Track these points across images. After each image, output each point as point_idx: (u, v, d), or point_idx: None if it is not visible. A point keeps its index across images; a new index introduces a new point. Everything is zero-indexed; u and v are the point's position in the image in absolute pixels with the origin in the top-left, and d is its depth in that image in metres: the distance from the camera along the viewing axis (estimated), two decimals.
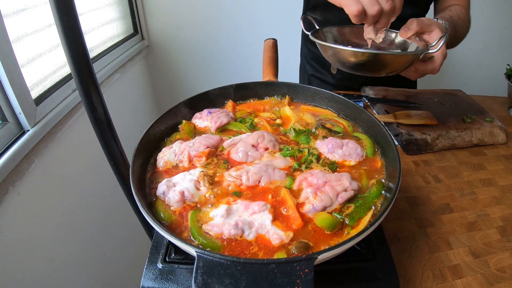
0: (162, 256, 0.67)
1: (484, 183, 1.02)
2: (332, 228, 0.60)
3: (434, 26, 0.94)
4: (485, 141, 1.17)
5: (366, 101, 1.34)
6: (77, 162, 1.63)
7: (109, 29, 2.13)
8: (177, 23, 2.52)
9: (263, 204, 0.62)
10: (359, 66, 0.92)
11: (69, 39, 0.64)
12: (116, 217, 1.89)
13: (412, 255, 0.79)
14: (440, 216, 0.90)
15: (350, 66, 0.93)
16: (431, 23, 0.94)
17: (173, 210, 0.64)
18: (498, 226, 0.88)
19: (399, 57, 0.91)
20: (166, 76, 2.77)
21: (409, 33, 0.94)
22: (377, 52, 0.87)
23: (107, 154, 0.78)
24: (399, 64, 0.91)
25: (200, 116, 0.90)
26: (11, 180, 1.21)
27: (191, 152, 0.75)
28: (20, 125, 1.30)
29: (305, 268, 0.45)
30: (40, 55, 1.46)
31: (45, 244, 1.38)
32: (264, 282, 0.44)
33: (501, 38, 2.45)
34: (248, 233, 0.58)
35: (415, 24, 0.93)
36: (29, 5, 1.38)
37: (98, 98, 0.71)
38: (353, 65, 0.92)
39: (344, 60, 0.92)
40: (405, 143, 1.11)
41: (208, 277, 0.45)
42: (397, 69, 0.93)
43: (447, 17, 1.10)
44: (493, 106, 1.42)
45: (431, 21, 0.95)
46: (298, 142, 0.83)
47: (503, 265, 0.77)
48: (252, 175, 0.69)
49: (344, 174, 0.69)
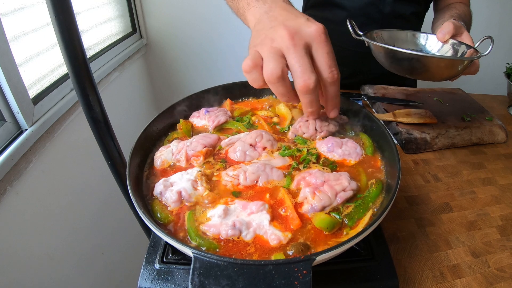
0: (160, 257, 0.66)
1: (484, 182, 1.02)
2: (331, 229, 0.59)
3: (463, 28, 0.96)
4: (485, 140, 1.16)
5: (365, 100, 1.34)
6: (75, 162, 1.63)
7: (107, 28, 2.12)
8: (176, 22, 2.51)
9: (261, 204, 0.62)
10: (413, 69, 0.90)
11: (65, 38, 0.64)
12: (114, 216, 1.89)
13: (412, 254, 0.78)
14: (440, 215, 0.89)
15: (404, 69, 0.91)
16: (460, 25, 0.96)
17: (170, 210, 0.63)
18: (498, 225, 0.87)
19: (457, 62, 0.89)
20: (164, 75, 2.76)
21: (446, 36, 0.94)
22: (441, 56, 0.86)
23: (105, 153, 0.78)
24: (456, 67, 0.89)
25: (198, 115, 0.89)
26: (9, 180, 1.20)
27: (189, 151, 0.74)
28: (18, 125, 1.29)
29: (303, 270, 0.45)
30: (37, 54, 1.45)
31: (43, 244, 1.37)
32: (261, 284, 0.44)
33: (501, 37, 2.45)
34: (245, 233, 0.58)
35: (451, 27, 0.93)
36: (26, 4, 1.37)
37: (95, 98, 0.71)
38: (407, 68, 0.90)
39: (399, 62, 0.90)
40: (404, 142, 1.10)
41: (205, 278, 0.44)
42: (452, 74, 0.92)
43: (457, 16, 1.10)
44: (493, 105, 1.42)
45: (459, 24, 0.97)
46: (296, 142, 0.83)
47: (503, 265, 0.77)
48: (250, 174, 0.68)
49: (343, 174, 0.68)
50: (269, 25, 0.64)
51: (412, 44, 1.07)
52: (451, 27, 0.94)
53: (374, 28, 1.07)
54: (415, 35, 1.08)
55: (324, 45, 0.62)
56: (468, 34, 0.95)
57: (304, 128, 0.82)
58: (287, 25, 0.61)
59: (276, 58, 0.59)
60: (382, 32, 1.06)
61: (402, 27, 1.11)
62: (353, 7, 1.30)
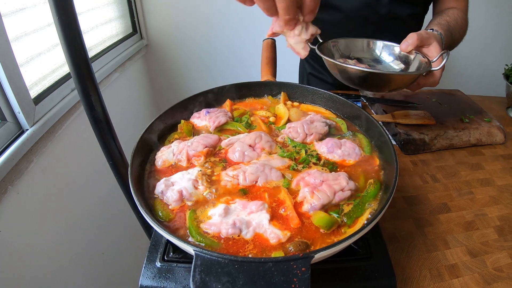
0: (161, 255, 0.67)
1: (482, 183, 1.02)
2: (329, 227, 0.60)
3: (432, 39, 0.95)
4: (483, 141, 1.17)
5: (364, 101, 1.35)
6: (76, 161, 1.63)
7: (108, 29, 2.13)
8: (176, 23, 2.52)
9: (261, 203, 0.62)
10: (364, 83, 0.92)
11: (68, 39, 0.64)
12: (114, 216, 1.89)
13: (410, 254, 0.79)
14: (438, 215, 0.90)
15: (355, 83, 0.93)
16: (429, 36, 0.96)
17: (171, 209, 0.64)
18: (495, 225, 0.88)
19: (404, 76, 0.91)
20: (165, 75, 2.77)
21: (409, 48, 0.95)
22: (383, 72, 0.87)
23: (106, 153, 0.79)
24: (404, 82, 0.91)
25: (199, 116, 0.90)
26: (10, 179, 1.21)
27: (190, 151, 0.75)
28: (19, 125, 1.30)
29: (302, 267, 0.46)
30: (39, 54, 1.46)
31: (44, 243, 1.38)
32: (261, 281, 0.44)
33: (500, 38, 2.46)
34: (245, 232, 0.59)
35: (415, 38, 0.94)
36: (28, 5, 1.38)
37: (97, 98, 0.72)
38: (358, 82, 0.92)
39: (349, 77, 0.92)
40: (403, 143, 1.11)
41: (206, 275, 0.45)
42: (401, 86, 0.95)
43: (443, 23, 1.11)
44: (491, 106, 1.43)
45: (429, 34, 0.96)
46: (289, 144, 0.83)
47: (500, 265, 0.78)
48: (249, 175, 0.69)
49: (341, 174, 0.69)
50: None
51: (368, 53, 1.06)
52: (415, 39, 0.94)
53: (370, 30, 1.08)
54: (370, 44, 1.07)
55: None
56: (437, 45, 0.95)
57: (293, 133, 0.83)
58: None
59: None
60: (339, 41, 1.06)
61: (399, 29, 1.11)
62: (349, 8, 1.31)
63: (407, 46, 0.95)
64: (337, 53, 1.05)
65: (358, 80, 0.91)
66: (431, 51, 0.95)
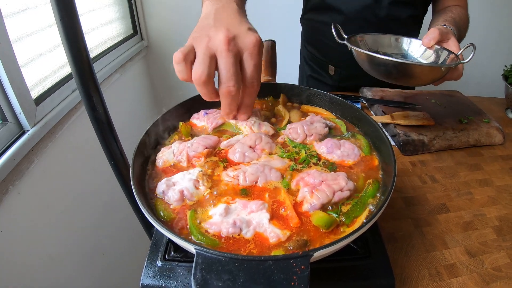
0: (162, 254, 0.68)
1: (481, 183, 1.03)
2: (328, 227, 0.61)
3: (450, 34, 0.98)
4: (482, 141, 1.18)
5: (363, 102, 1.35)
6: (76, 162, 1.64)
7: (109, 30, 2.14)
8: (176, 24, 2.53)
9: (261, 203, 0.63)
10: (398, 75, 0.92)
11: (70, 40, 0.65)
12: (115, 216, 1.90)
13: (408, 254, 0.80)
14: (437, 215, 0.91)
15: (389, 76, 0.94)
16: (447, 31, 0.98)
17: (172, 209, 0.65)
18: (494, 225, 0.89)
19: (438, 69, 0.91)
20: (165, 76, 2.77)
21: (431, 42, 0.96)
22: (421, 64, 0.88)
23: (107, 154, 0.79)
24: (437, 74, 0.92)
25: (198, 117, 0.90)
26: (11, 180, 1.21)
27: (190, 152, 0.75)
28: (20, 125, 1.31)
29: (301, 265, 0.46)
30: (40, 55, 1.46)
31: (44, 243, 1.38)
32: (261, 278, 0.45)
33: (499, 39, 2.47)
34: (246, 231, 0.59)
35: (437, 33, 0.95)
36: (29, 6, 1.39)
37: (99, 98, 0.72)
38: (394, 75, 0.92)
39: (385, 69, 0.92)
40: (402, 144, 1.12)
41: (207, 273, 0.46)
42: (432, 79, 0.95)
43: (450, 20, 1.12)
44: (490, 107, 1.44)
45: (447, 30, 0.99)
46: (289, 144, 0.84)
47: (499, 264, 0.78)
48: (249, 175, 0.69)
49: (341, 174, 0.69)
50: (213, 24, 0.69)
51: (396, 49, 1.08)
52: (437, 33, 0.95)
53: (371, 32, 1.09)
54: (398, 39, 1.09)
55: (255, 57, 0.67)
56: (455, 40, 0.97)
57: (294, 134, 0.84)
58: (228, 29, 0.65)
59: (207, 62, 0.64)
60: (366, 36, 1.07)
61: (399, 31, 1.12)
62: (350, 10, 1.32)
63: (429, 41, 0.96)
64: (365, 47, 1.05)
65: (395, 72, 0.91)
66: (450, 46, 0.97)
